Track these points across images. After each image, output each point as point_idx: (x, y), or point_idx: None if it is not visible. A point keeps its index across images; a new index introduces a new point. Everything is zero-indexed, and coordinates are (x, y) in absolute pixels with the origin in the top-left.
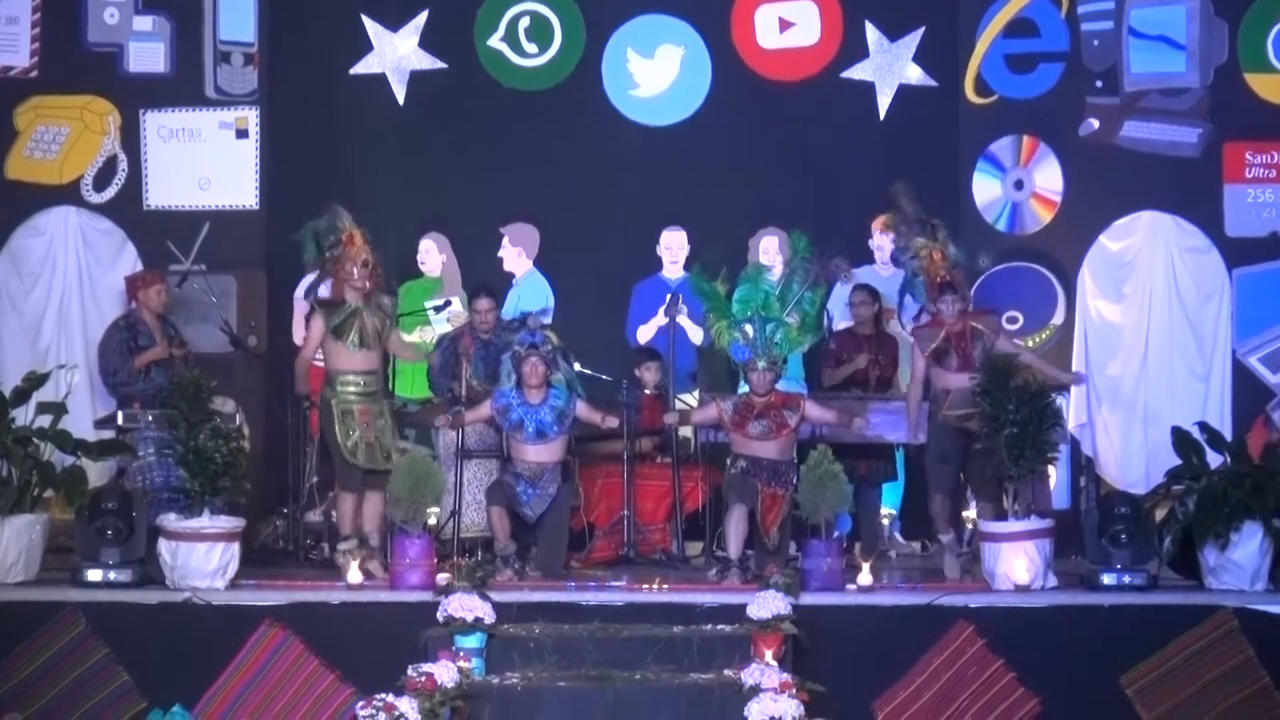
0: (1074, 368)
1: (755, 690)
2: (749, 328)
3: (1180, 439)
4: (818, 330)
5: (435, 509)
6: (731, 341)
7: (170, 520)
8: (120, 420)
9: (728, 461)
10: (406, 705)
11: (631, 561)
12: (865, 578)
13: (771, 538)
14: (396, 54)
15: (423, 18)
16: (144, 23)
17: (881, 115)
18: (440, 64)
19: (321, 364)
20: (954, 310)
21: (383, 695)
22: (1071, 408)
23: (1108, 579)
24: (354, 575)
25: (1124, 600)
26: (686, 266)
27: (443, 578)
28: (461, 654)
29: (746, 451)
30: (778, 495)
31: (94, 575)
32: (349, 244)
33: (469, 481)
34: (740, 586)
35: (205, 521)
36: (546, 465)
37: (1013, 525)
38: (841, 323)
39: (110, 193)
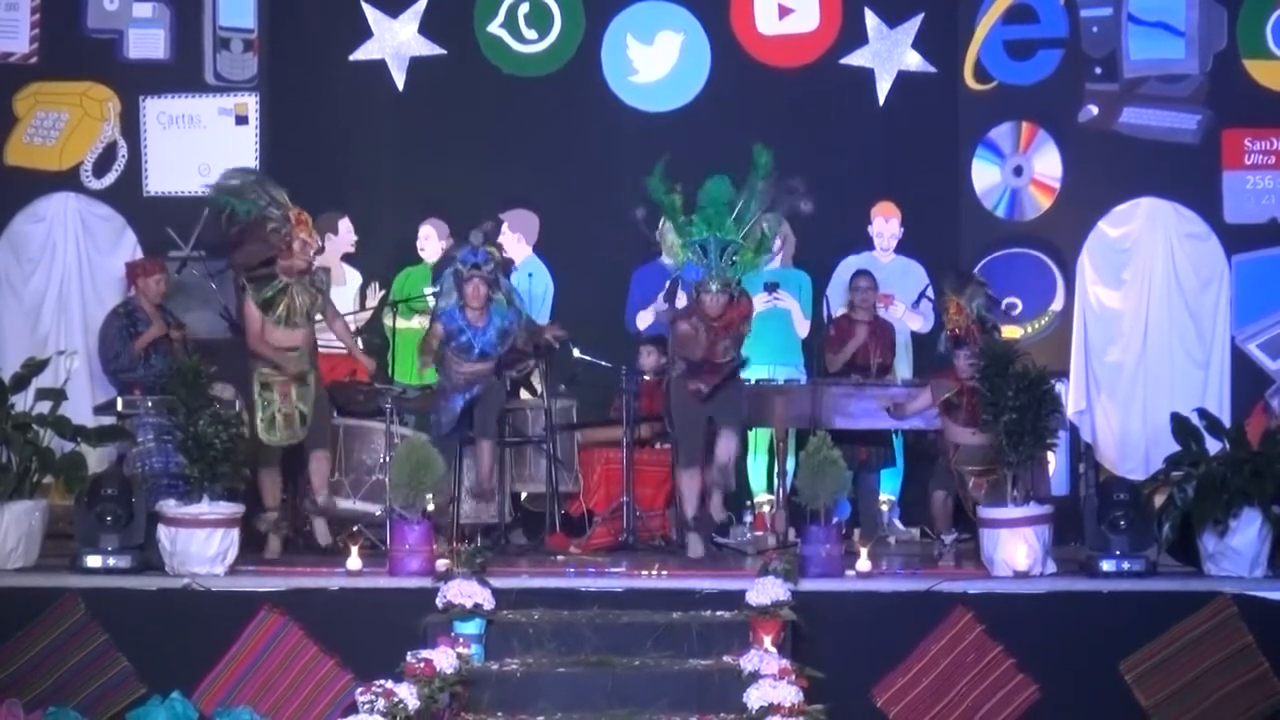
0: (1073, 354)
1: (754, 676)
2: (704, 249)
3: (1179, 425)
4: (769, 250)
5: (434, 495)
6: (686, 261)
7: (169, 506)
8: (119, 406)
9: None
10: (406, 691)
11: (631, 547)
12: (864, 564)
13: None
14: (396, 40)
15: (422, 4)
16: (144, 9)
17: (881, 102)
18: (440, 50)
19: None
20: (967, 366)
21: (382, 681)
22: (1071, 394)
23: (1107, 565)
24: (354, 562)
25: (1123, 586)
26: None
27: (442, 564)
28: (461, 640)
29: (692, 356)
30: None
31: (93, 561)
32: (298, 222)
33: (468, 468)
34: (733, 570)
35: (204, 508)
36: (480, 374)
37: (1012, 511)
38: (839, 309)
39: (110, 179)
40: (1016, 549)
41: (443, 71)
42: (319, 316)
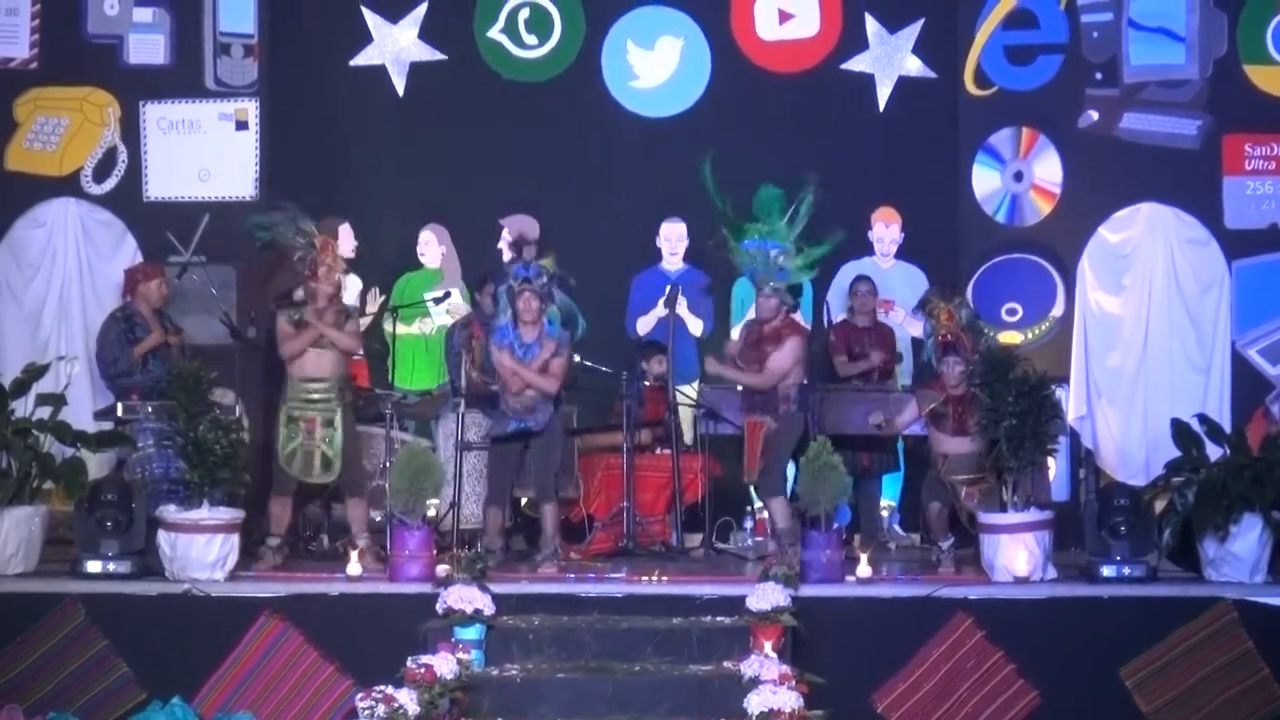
0: (1074, 359)
1: (755, 682)
2: (754, 251)
3: (1180, 431)
4: (814, 269)
5: (435, 501)
6: (747, 266)
7: (170, 512)
8: (120, 412)
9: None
10: (406, 697)
11: (631, 553)
12: (864, 569)
13: (753, 472)
14: (396, 45)
15: (422, 9)
16: (144, 14)
17: (881, 107)
18: (440, 55)
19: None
20: (955, 373)
21: (382, 687)
22: (1071, 400)
23: (1107, 571)
24: (354, 567)
25: (1123, 592)
26: (686, 258)
27: (442, 569)
28: (461, 645)
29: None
30: (757, 424)
31: (93, 567)
32: (324, 249)
33: (468, 474)
34: (734, 576)
35: (204, 513)
36: (538, 397)
37: (1012, 517)
38: (839, 315)
39: (110, 184)
40: (1017, 554)
41: (443, 77)
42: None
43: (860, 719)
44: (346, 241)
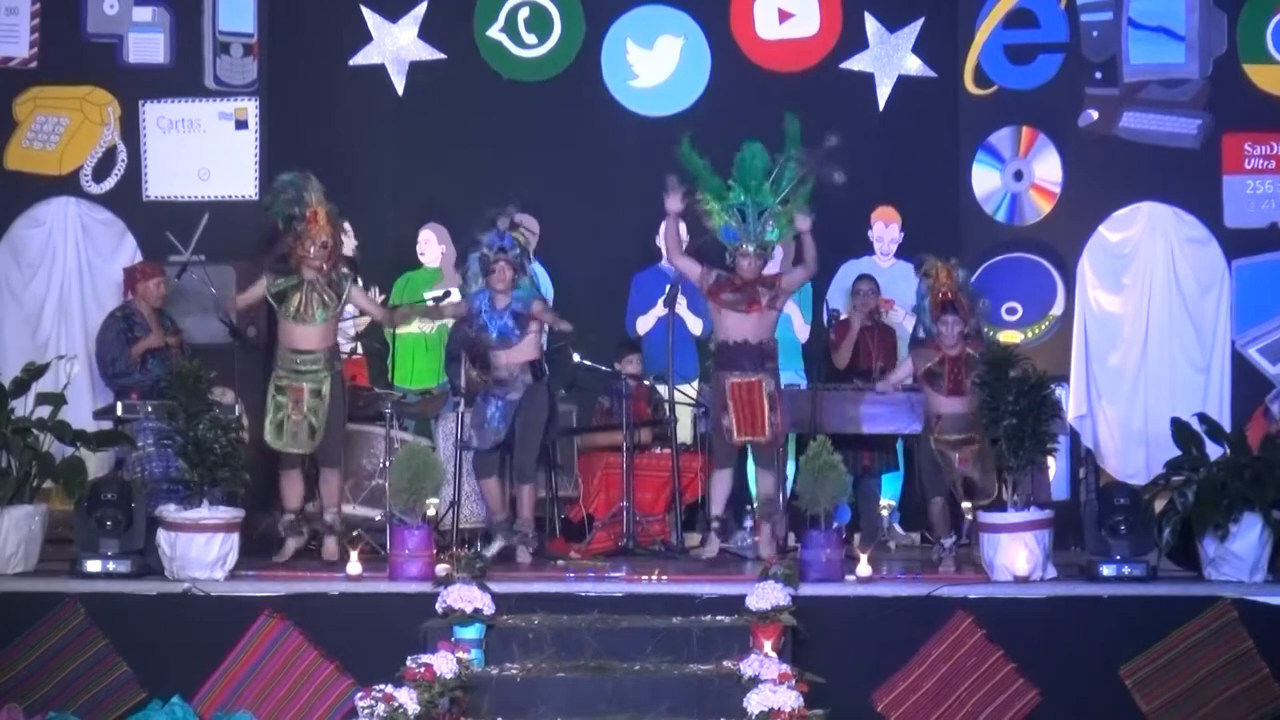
0: (1074, 358)
1: (754, 681)
2: (742, 214)
3: (1180, 430)
4: (806, 211)
5: (434, 500)
6: (724, 225)
7: (169, 511)
8: (119, 411)
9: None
10: (405, 696)
11: (631, 552)
12: (864, 569)
13: (761, 433)
14: (396, 45)
15: (422, 8)
16: (143, 13)
17: (881, 106)
18: (439, 55)
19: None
20: (953, 332)
21: (382, 686)
22: (1071, 399)
23: (1107, 570)
24: (354, 566)
25: (1123, 591)
26: None
27: (442, 569)
28: (460, 645)
29: (723, 336)
30: (752, 384)
31: (93, 566)
32: (312, 221)
33: (468, 473)
34: (734, 575)
35: (204, 512)
36: (516, 366)
37: (1012, 516)
38: (842, 314)
39: (110, 183)
40: (1017, 554)
41: (443, 76)
42: (348, 319)
43: (860, 718)
44: (346, 241)
